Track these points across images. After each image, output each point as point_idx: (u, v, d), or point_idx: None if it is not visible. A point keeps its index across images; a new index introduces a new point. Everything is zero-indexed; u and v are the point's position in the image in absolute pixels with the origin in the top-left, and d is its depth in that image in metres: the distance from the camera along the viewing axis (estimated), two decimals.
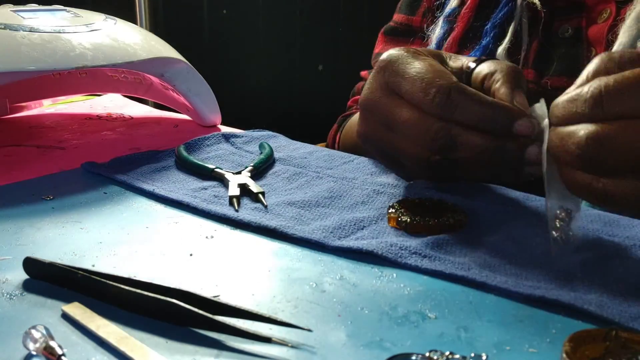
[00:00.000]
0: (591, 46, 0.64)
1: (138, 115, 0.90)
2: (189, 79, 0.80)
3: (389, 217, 0.51)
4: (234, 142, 0.72)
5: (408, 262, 0.45)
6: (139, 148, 0.72)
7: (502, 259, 0.45)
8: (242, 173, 0.60)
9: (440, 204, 0.52)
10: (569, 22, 0.66)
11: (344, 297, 0.41)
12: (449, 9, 0.74)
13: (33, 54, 0.67)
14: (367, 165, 0.64)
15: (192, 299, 0.39)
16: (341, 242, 0.48)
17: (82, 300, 0.40)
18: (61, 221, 0.53)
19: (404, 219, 0.50)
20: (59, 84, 0.86)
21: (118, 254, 0.47)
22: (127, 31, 0.78)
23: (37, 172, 0.65)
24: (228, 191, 0.56)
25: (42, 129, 0.82)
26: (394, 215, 0.50)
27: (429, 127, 0.48)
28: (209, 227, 0.52)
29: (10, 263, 0.45)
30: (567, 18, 0.66)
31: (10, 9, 0.74)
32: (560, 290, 0.40)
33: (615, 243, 0.47)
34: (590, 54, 0.64)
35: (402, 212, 0.51)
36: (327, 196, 0.56)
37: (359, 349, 0.36)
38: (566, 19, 0.66)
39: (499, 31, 0.67)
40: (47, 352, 0.34)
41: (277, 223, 0.51)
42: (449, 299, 0.41)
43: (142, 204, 0.57)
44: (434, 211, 0.51)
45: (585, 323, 0.38)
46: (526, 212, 0.53)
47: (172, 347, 0.36)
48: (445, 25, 0.73)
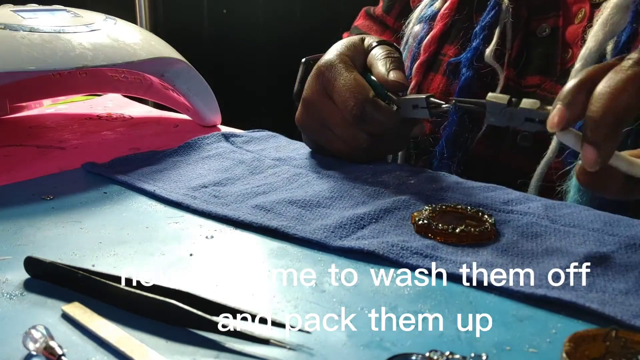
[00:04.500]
0: (567, 47, 0.65)
1: (138, 115, 0.90)
2: (189, 79, 0.80)
3: (412, 216, 0.51)
4: (234, 141, 0.72)
5: (409, 262, 0.45)
6: (139, 148, 0.72)
7: (502, 259, 0.45)
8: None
9: (477, 213, 0.51)
10: (546, 21, 0.67)
11: (344, 297, 0.41)
12: (430, 10, 0.76)
13: (33, 54, 0.67)
14: (367, 165, 0.64)
15: (192, 299, 0.39)
16: (342, 242, 0.48)
17: (82, 300, 0.40)
18: (61, 221, 0.53)
19: (422, 222, 0.49)
20: (59, 84, 0.86)
21: (118, 254, 0.47)
22: (127, 31, 0.78)
23: (37, 172, 0.65)
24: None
25: (42, 129, 0.82)
26: (415, 214, 0.50)
27: (355, 134, 0.61)
28: (209, 227, 0.52)
29: (10, 263, 0.45)
30: (545, 17, 0.67)
31: (10, 9, 0.74)
32: (562, 290, 0.40)
33: (615, 243, 0.47)
34: (567, 54, 0.65)
35: (426, 215, 0.50)
36: (327, 196, 0.56)
37: (359, 349, 0.36)
38: (544, 18, 0.67)
39: (488, 33, 0.69)
40: (47, 352, 0.34)
41: (278, 223, 0.51)
42: (449, 299, 0.41)
43: (142, 204, 0.57)
44: (464, 219, 0.50)
45: (585, 323, 0.38)
46: (526, 213, 0.53)
47: (172, 347, 0.36)
48: (425, 25, 0.75)
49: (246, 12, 2.10)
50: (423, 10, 0.77)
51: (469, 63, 0.68)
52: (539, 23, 0.67)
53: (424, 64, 0.74)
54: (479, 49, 0.69)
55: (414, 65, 0.74)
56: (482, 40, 0.69)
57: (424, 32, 0.75)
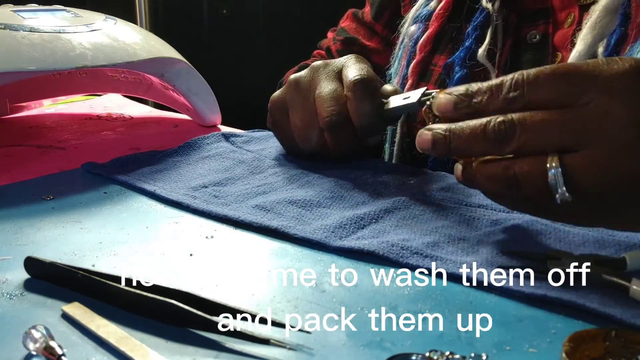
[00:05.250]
0: (557, 50, 0.65)
1: (138, 115, 0.90)
2: (189, 79, 0.80)
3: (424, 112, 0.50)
4: (234, 141, 0.72)
5: (409, 262, 0.45)
6: (139, 148, 0.72)
7: (503, 259, 0.45)
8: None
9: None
10: (537, 28, 0.67)
11: (344, 297, 0.41)
12: (426, 10, 0.76)
13: (33, 54, 0.67)
14: (368, 165, 0.64)
15: (192, 299, 0.39)
16: (342, 242, 0.48)
17: (82, 300, 0.40)
18: (61, 221, 0.53)
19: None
20: (59, 84, 0.86)
21: (118, 254, 0.47)
22: (127, 31, 0.78)
23: (37, 172, 0.65)
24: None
25: (42, 129, 0.82)
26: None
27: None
28: (209, 227, 0.52)
29: (10, 263, 0.45)
30: (535, 24, 0.67)
31: (10, 9, 0.74)
32: (562, 290, 0.40)
33: (615, 242, 0.47)
34: (556, 58, 0.65)
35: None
36: (328, 196, 0.56)
37: (359, 349, 0.36)
38: (534, 25, 0.67)
39: (480, 33, 0.69)
40: (47, 352, 0.34)
41: (278, 223, 0.51)
42: (449, 299, 0.41)
43: (142, 204, 0.57)
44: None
45: (585, 323, 0.38)
46: None
47: (172, 347, 0.36)
48: (422, 24, 0.76)
49: (246, 12, 2.10)
50: (419, 10, 0.77)
51: (462, 62, 0.69)
52: (529, 30, 0.67)
53: (420, 64, 0.74)
54: (472, 48, 0.69)
55: (409, 65, 0.74)
56: (474, 40, 0.69)
57: (420, 31, 0.75)
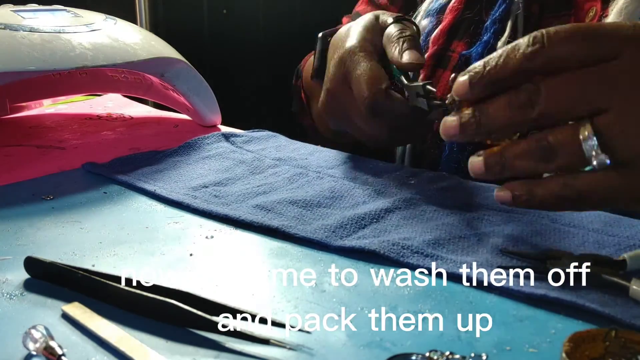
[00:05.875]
0: None
1: (138, 115, 0.90)
2: (189, 79, 0.80)
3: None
4: (234, 141, 0.72)
5: (410, 261, 0.45)
6: (139, 148, 0.72)
7: (503, 259, 0.45)
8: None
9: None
10: (559, 19, 0.67)
11: (344, 297, 0.41)
12: (438, 3, 0.75)
13: (33, 54, 0.67)
14: (368, 165, 0.64)
15: (192, 299, 0.39)
16: (343, 241, 0.48)
17: (82, 300, 0.40)
18: (61, 221, 0.53)
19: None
20: (59, 84, 0.86)
21: (118, 254, 0.47)
22: (127, 31, 0.78)
23: (37, 172, 0.65)
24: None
25: (42, 129, 0.82)
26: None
27: (373, 126, 0.60)
28: (209, 227, 0.52)
29: (10, 263, 0.45)
30: (557, 15, 0.67)
31: (10, 9, 0.74)
32: (562, 290, 0.40)
33: (615, 242, 0.47)
34: None
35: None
36: (328, 196, 0.56)
37: (359, 349, 0.36)
38: (556, 16, 0.67)
39: (499, 27, 0.68)
40: (47, 352, 0.34)
41: (278, 223, 0.51)
42: (449, 299, 0.41)
43: (142, 204, 0.57)
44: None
45: (585, 323, 0.38)
46: (526, 212, 0.53)
47: (172, 347, 0.36)
48: (434, 18, 0.74)
49: (246, 12, 2.10)
50: (431, 3, 0.76)
51: (480, 57, 0.67)
52: (551, 21, 0.66)
53: (433, 57, 0.73)
54: (490, 43, 0.68)
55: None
56: (493, 34, 0.68)
57: (432, 25, 0.74)
